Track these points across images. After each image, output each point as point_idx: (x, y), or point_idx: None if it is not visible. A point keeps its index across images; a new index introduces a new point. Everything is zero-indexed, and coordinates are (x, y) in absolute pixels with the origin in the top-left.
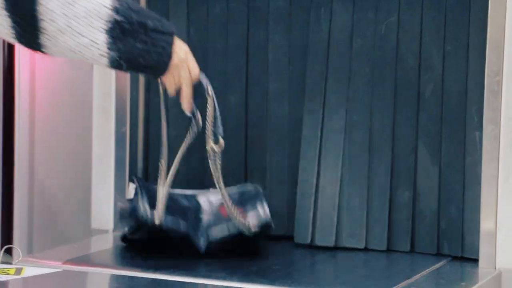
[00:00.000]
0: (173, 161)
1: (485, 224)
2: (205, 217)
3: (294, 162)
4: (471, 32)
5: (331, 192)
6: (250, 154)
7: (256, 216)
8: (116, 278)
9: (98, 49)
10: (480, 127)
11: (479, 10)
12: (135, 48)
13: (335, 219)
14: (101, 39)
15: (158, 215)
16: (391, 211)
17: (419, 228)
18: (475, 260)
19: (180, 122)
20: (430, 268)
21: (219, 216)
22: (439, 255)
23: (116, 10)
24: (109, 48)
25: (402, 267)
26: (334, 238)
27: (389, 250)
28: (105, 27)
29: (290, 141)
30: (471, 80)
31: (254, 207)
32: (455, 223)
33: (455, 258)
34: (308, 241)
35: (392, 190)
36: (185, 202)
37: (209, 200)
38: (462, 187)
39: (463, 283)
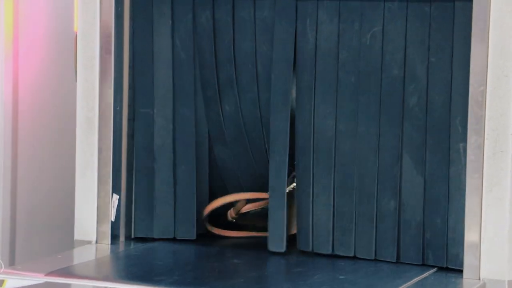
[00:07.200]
0: None
1: (469, 235)
2: None
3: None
4: (455, 43)
5: (326, 199)
6: (255, 156)
7: None
8: None
9: None
10: (464, 138)
11: (463, 21)
12: None
13: (330, 227)
14: None
15: None
16: (377, 220)
17: (405, 238)
18: (460, 271)
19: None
20: (415, 279)
21: None
22: (424, 265)
23: None
24: None
25: (388, 277)
26: (331, 246)
27: (376, 259)
28: None
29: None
30: (455, 91)
31: None
32: (439, 233)
33: (440, 268)
34: (310, 248)
35: (378, 200)
36: None
37: None
38: (447, 197)
39: None
